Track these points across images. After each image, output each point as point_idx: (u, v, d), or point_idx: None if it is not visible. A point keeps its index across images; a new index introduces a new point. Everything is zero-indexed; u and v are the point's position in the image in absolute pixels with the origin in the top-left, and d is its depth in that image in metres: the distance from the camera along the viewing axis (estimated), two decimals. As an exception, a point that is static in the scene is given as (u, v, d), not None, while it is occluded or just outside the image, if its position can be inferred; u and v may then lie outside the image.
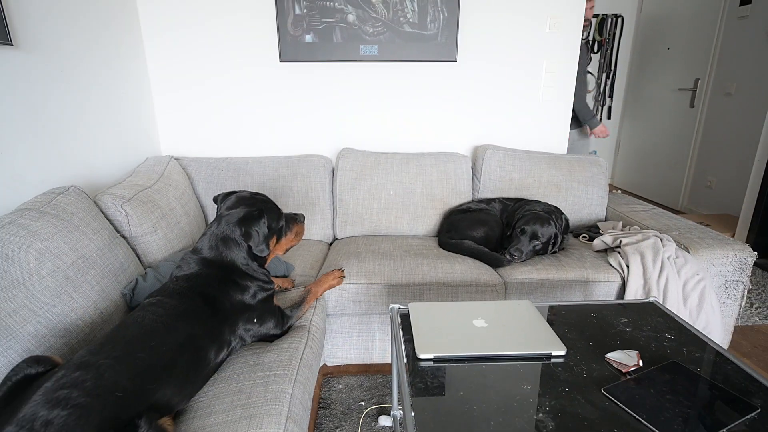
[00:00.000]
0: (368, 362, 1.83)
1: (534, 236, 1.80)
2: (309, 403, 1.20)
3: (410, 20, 2.17)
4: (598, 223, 2.19)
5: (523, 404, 0.85)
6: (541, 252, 1.84)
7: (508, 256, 1.79)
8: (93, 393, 0.82)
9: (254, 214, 1.29)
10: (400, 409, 1.37)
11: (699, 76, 3.78)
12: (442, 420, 0.82)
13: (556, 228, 1.82)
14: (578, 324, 1.15)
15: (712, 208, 3.73)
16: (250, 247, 1.28)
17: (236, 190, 1.44)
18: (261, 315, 1.27)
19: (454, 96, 2.34)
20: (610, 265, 1.77)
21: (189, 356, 1.04)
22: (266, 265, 1.37)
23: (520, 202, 2.06)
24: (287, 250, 1.48)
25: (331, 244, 2.20)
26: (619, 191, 3.40)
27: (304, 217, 1.50)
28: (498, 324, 1.09)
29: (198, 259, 1.25)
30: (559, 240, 1.84)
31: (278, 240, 1.39)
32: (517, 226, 1.83)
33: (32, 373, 0.88)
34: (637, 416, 0.81)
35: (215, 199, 1.43)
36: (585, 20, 2.35)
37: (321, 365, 1.85)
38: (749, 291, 2.52)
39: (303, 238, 2.11)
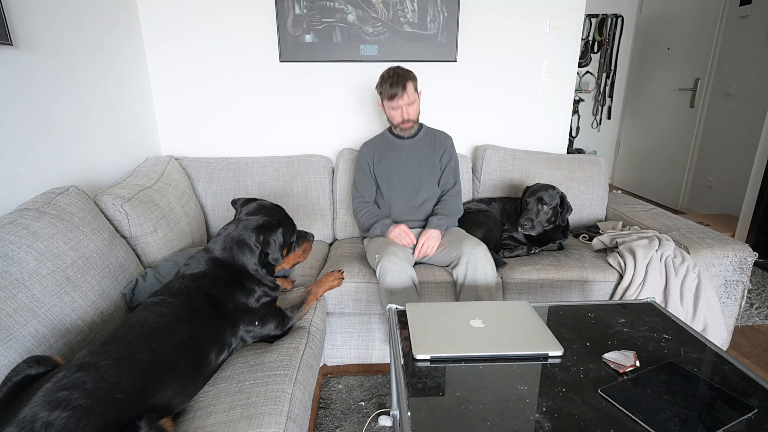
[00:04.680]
0: (368, 362, 1.83)
1: (541, 201, 1.84)
2: (309, 403, 1.21)
3: (410, 20, 2.17)
4: (598, 223, 2.19)
5: (520, 405, 0.86)
6: (553, 221, 1.87)
7: (519, 229, 1.85)
8: (94, 394, 0.82)
9: (273, 224, 1.32)
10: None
11: (699, 76, 3.77)
12: (439, 420, 0.82)
13: (561, 194, 1.87)
14: (576, 324, 1.15)
15: (712, 208, 3.72)
16: (262, 254, 1.29)
17: (257, 197, 1.47)
18: (263, 317, 1.27)
19: (454, 96, 2.34)
20: (609, 264, 1.77)
21: (190, 357, 1.04)
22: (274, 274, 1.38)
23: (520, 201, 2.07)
24: (293, 265, 1.50)
25: (331, 244, 2.21)
26: (619, 191, 3.40)
27: (313, 237, 1.52)
28: (495, 324, 1.10)
29: (208, 258, 1.25)
30: (565, 208, 1.86)
31: (287, 253, 1.40)
32: (525, 197, 1.90)
33: (33, 374, 0.89)
34: (633, 417, 0.81)
35: (234, 202, 1.45)
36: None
37: (321, 365, 1.85)
38: (749, 291, 2.52)
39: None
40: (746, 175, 3.13)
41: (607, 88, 4.43)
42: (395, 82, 1.74)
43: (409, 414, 0.83)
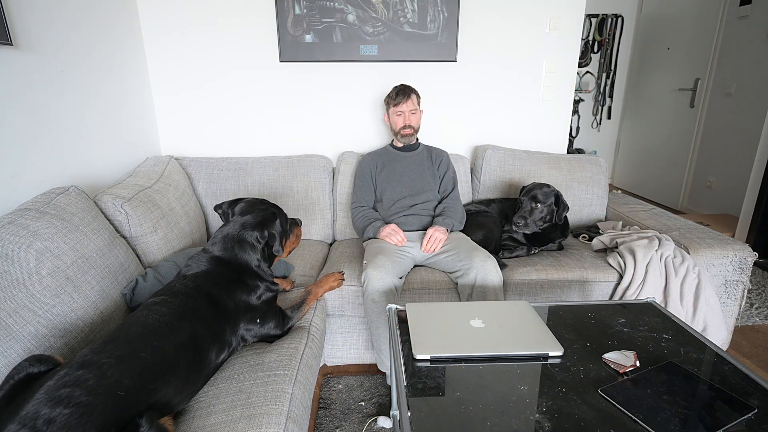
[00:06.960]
0: (368, 362, 1.83)
1: (535, 199, 1.85)
2: (309, 403, 1.21)
3: (410, 20, 2.17)
4: (598, 223, 2.19)
5: (520, 405, 0.86)
6: (549, 219, 1.87)
7: (513, 226, 1.86)
8: (95, 392, 0.83)
9: (269, 217, 1.36)
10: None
11: (699, 76, 3.77)
12: (439, 420, 0.82)
13: (556, 192, 1.87)
14: (576, 324, 1.15)
15: (712, 208, 3.72)
16: (264, 249, 1.32)
17: (241, 197, 1.49)
18: (263, 315, 1.28)
19: (454, 96, 2.34)
20: (609, 264, 1.77)
21: (191, 356, 1.04)
22: (272, 267, 1.41)
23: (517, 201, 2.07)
24: (290, 252, 1.53)
25: (331, 244, 2.21)
26: (619, 191, 3.40)
27: (301, 221, 1.58)
28: (495, 324, 1.10)
29: (210, 258, 1.26)
30: (561, 206, 1.86)
31: (284, 241, 1.44)
32: (520, 195, 1.91)
33: (34, 372, 0.89)
34: (633, 417, 0.81)
35: (217, 207, 1.44)
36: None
37: (321, 365, 1.85)
38: (749, 291, 2.52)
39: (303, 237, 2.14)
40: (746, 175, 3.13)
41: (607, 88, 4.44)
42: (401, 90, 1.97)
43: (409, 414, 0.83)
